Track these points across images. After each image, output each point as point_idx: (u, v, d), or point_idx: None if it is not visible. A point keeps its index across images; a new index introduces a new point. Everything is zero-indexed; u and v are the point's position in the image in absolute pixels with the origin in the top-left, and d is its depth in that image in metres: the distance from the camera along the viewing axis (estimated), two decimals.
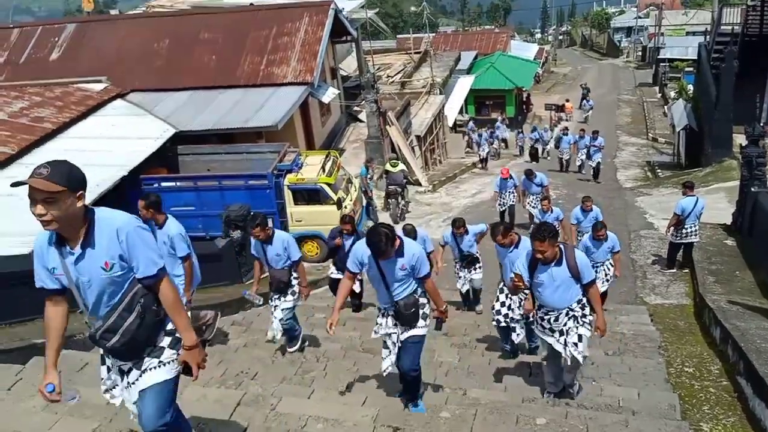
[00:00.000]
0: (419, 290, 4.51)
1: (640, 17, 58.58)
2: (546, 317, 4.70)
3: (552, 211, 10.39)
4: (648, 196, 16.21)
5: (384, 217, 15.17)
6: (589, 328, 4.65)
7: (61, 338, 2.87)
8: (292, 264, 5.97)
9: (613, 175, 20.58)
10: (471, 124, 25.96)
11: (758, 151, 10.46)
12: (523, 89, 32.54)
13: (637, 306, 8.93)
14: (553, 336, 4.68)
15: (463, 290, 8.52)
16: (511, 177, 13.04)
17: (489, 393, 5.06)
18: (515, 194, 13.00)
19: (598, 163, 18.21)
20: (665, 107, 31.58)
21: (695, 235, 9.82)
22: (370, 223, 14.43)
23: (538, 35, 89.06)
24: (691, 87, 26.94)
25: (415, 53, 26.84)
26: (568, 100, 32.81)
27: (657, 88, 38.56)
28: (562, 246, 4.54)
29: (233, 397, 4.61)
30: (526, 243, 5.47)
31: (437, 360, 6.22)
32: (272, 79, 15.95)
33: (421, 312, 4.50)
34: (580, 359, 4.61)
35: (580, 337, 4.59)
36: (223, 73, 16.31)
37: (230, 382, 5.00)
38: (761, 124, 12.46)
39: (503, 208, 13.31)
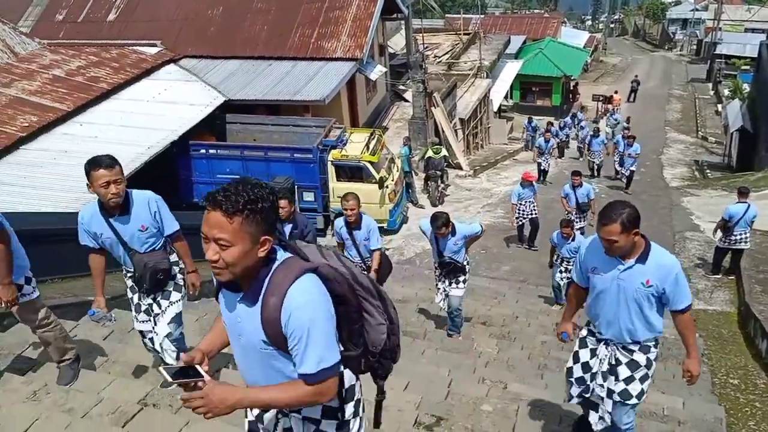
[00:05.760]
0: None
1: (697, 9, 56.32)
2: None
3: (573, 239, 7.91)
4: (695, 197, 15.75)
5: (423, 200, 15.14)
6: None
7: None
8: (166, 240, 3.77)
9: (659, 172, 19.99)
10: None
11: None
12: (572, 77, 31.72)
13: None
14: None
15: (443, 306, 6.43)
16: (532, 183, 11.23)
17: (530, 389, 5.04)
18: (536, 204, 11.32)
19: (632, 171, 16.21)
20: (718, 105, 30.44)
21: (745, 242, 9.60)
22: (410, 205, 14.43)
23: (589, 22, 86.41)
24: (746, 86, 25.87)
25: (464, 34, 26.35)
26: (616, 92, 31.79)
27: (710, 85, 37.16)
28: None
29: None
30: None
31: (476, 350, 6.24)
32: (322, 53, 15.93)
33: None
34: None
35: None
36: (273, 44, 16.35)
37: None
38: None
39: (521, 222, 11.46)
